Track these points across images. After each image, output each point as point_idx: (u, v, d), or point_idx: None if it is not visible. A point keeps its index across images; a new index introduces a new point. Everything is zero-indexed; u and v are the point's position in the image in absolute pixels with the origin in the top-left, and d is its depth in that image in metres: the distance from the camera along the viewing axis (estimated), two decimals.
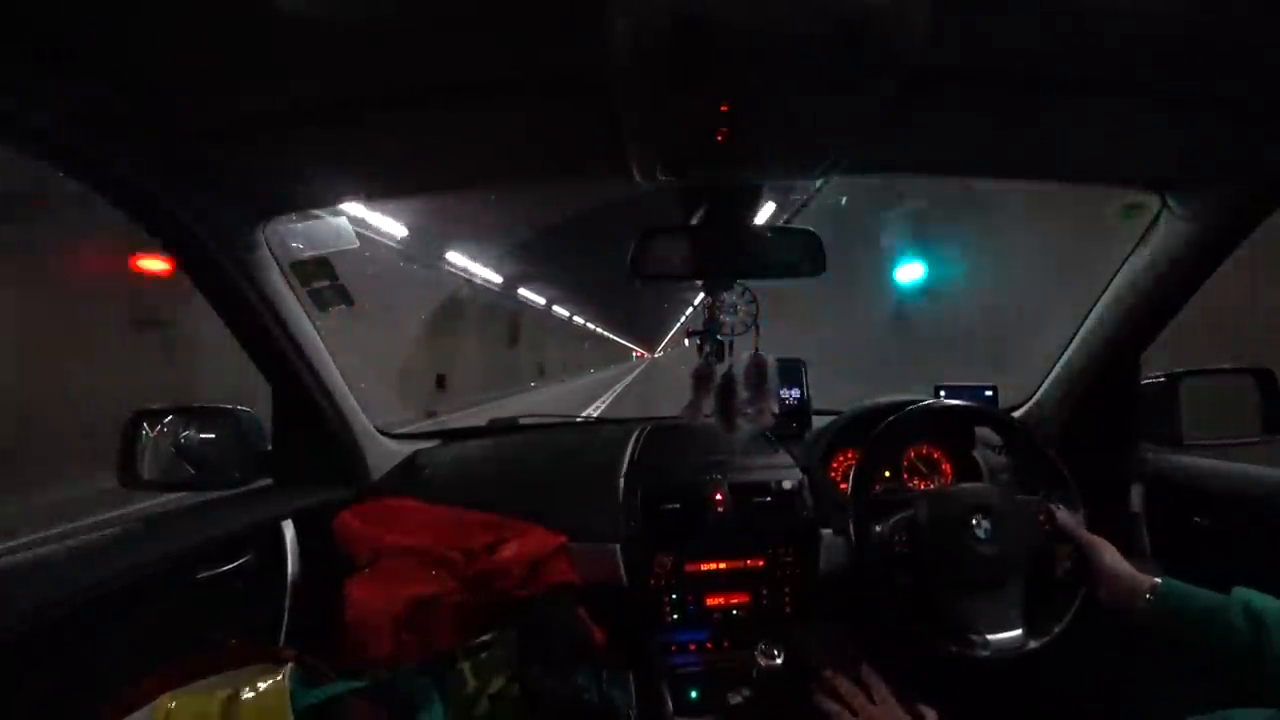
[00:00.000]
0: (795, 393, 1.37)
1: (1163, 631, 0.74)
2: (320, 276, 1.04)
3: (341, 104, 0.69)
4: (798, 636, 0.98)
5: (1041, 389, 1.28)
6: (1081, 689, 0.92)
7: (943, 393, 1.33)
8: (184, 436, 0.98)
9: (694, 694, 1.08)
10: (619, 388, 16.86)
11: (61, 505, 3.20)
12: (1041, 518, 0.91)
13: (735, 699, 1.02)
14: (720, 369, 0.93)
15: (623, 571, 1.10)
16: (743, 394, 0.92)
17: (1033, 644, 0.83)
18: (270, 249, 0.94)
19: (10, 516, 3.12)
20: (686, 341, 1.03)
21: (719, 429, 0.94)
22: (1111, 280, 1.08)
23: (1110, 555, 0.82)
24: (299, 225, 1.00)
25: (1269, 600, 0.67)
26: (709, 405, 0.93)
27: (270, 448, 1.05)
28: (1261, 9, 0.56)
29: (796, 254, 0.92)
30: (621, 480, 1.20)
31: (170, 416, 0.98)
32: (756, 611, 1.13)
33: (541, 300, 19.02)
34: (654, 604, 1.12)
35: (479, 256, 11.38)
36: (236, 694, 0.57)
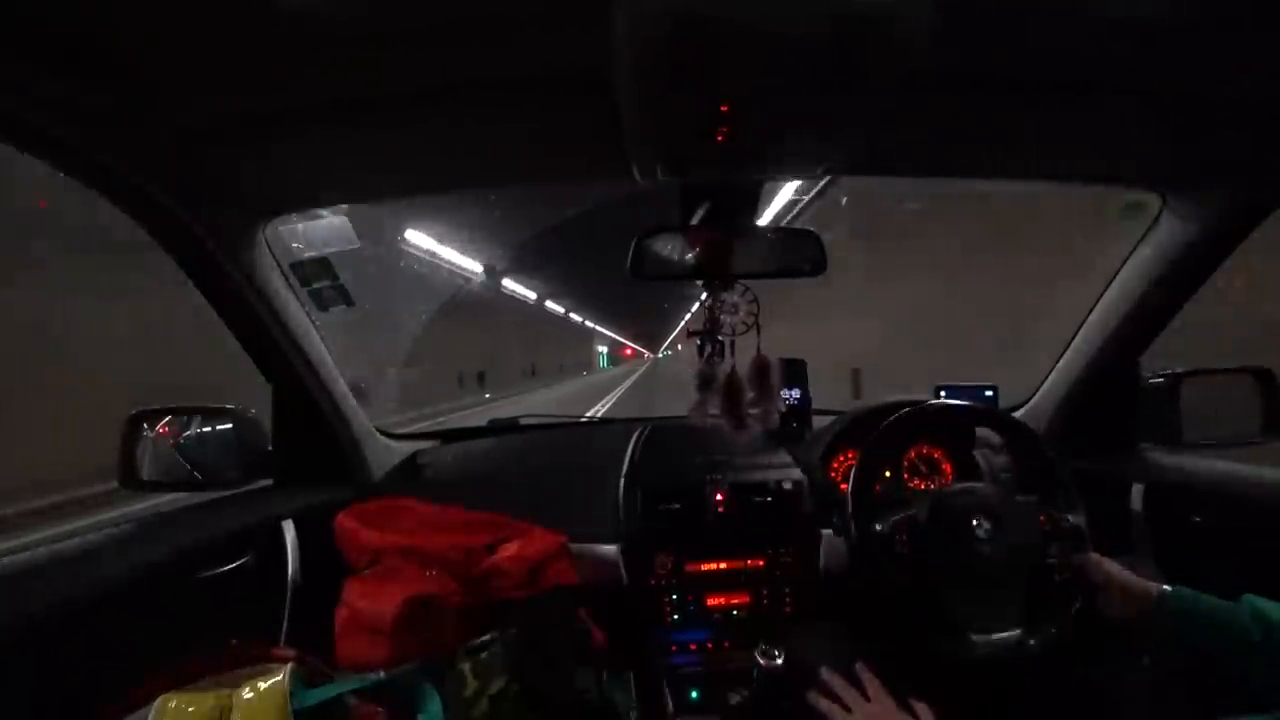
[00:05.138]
0: (796, 393, 1.37)
1: (1170, 639, 0.74)
2: (320, 276, 1.04)
3: (341, 104, 0.69)
4: (798, 636, 0.98)
5: (1042, 389, 1.28)
6: (1079, 689, 0.92)
7: (943, 392, 1.33)
8: (184, 437, 0.98)
9: (694, 694, 1.08)
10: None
11: None
12: (1042, 519, 0.91)
13: (735, 699, 1.02)
14: (723, 369, 0.93)
15: (623, 572, 1.10)
16: (748, 394, 0.92)
17: (1031, 644, 0.83)
18: (270, 249, 0.94)
19: None
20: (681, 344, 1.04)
21: (720, 429, 0.94)
22: (1112, 280, 1.08)
23: (1112, 568, 0.82)
24: (299, 225, 1.00)
25: (1278, 606, 0.67)
26: (715, 406, 0.93)
27: (270, 448, 1.06)
28: (1261, 9, 0.56)
29: (797, 253, 0.93)
30: (622, 480, 1.20)
31: (170, 416, 0.98)
32: (757, 611, 1.13)
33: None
34: (654, 604, 1.12)
35: None
36: (236, 694, 0.57)
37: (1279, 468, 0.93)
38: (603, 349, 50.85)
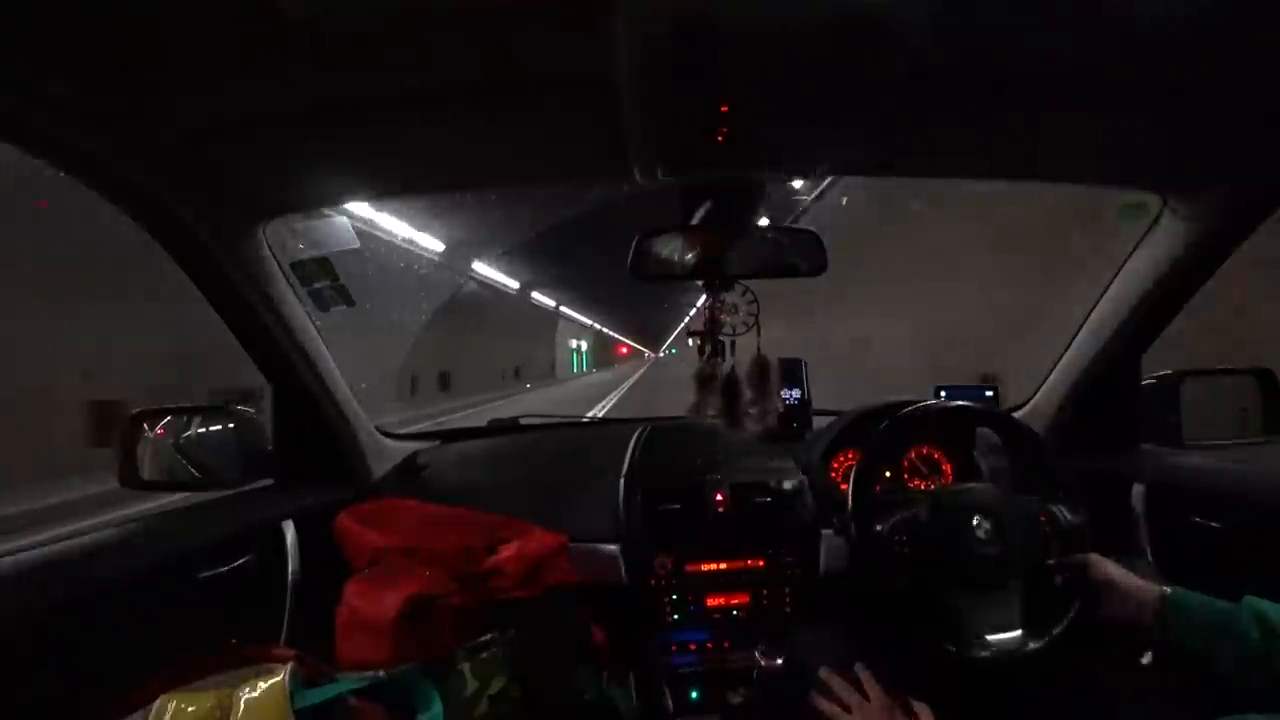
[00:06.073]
0: (795, 393, 1.37)
1: (1170, 640, 0.74)
2: (320, 276, 1.04)
3: (341, 104, 0.69)
4: (798, 637, 0.98)
5: (1042, 389, 1.28)
6: (1079, 689, 0.92)
7: (943, 393, 1.33)
8: (184, 437, 0.98)
9: (694, 694, 1.08)
10: None
11: None
12: (1042, 519, 0.91)
13: (735, 699, 1.02)
14: (724, 369, 0.93)
15: (623, 572, 1.10)
16: (747, 394, 0.92)
17: (1032, 645, 0.83)
18: (270, 249, 0.94)
19: None
20: (690, 342, 1.04)
21: (721, 429, 0.94)
22: (1112, 280, 1.08)
23: (1112, 568, 0.82)
24: (299, 225, 1.00)
25: (1278, 607, 0.67)
26: (714, 406, 0.93)
27: (271, 448, 1.06)
28: (1261, 9, 0.56)
29: (797, 253, 0.92)
30: (622, 480, 1.20)
31: (170, 417, 0.98)
32: (757, 612, 1.13)
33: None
34: (654, 604, 1.12)
35: None
36: (236, 694, 0.57)
37: (1279, 468, 0.93)
38: (577, 343, 30.48)
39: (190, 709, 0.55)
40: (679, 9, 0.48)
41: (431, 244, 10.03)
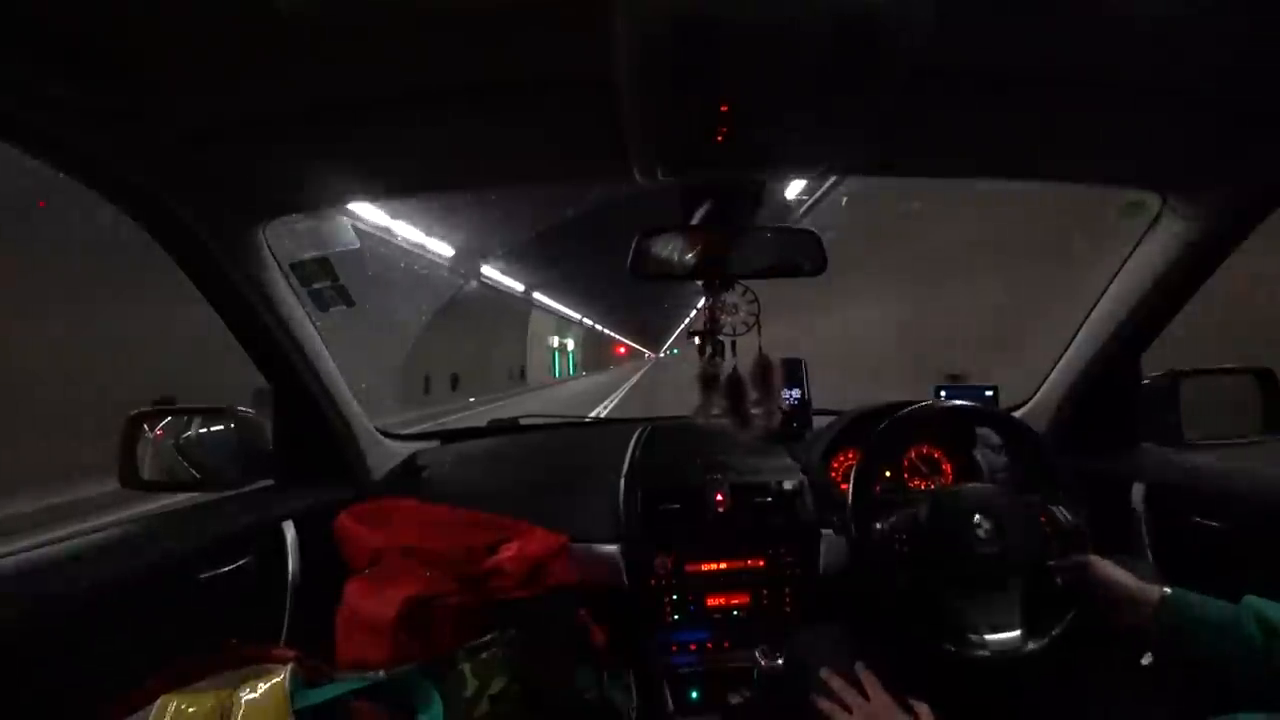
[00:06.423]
0: (795, 393, 1.37)
1: (1171, 641, 0.74)
2: (320, 276, 1.04)
3: (341, 104, 0.69)
4: (798, 636, 0.98)
5: (1042, 389, 1.28)
6: (1079, 689, 0.92)
7: (943, 393, 1.33)
8: (184, 437, 0.98)
9: (694, 694, 1.08)
10: None
11: None
12: (1042, 519, 0.91)
13: (735, 699, 1.02)
14: (725, 369, 0.93)
15: (623, 572, 1.10)
16: (752, 394, 0.92)
17: (1032, 645, 0.83)
18: (270, 249, 0.94)
19: None
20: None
21: (720, 429, 0.94)
22: (1112, 280, 1.08)
23: (1112, 569, 0.82)
24: (299, 225, 1.00)
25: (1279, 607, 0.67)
26: (718, 405, 0.93)
27: (271, 448, 1.06)
28: (1261, 9, 0.56)
29: (797, 253, 0.92)
30: (622, 481, 1.20)
31: (170, 417, 0.98)
32: (757, 611, 1.13)
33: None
34: (654, 604, 1.12)
35: None
36: (236, 694, 0.57)
37: (1279, 468, 0.93)
38: (560, 342, 24.96)
39: (190, 709, 0.55)
40: (678, 9, 0.48)
41: None
